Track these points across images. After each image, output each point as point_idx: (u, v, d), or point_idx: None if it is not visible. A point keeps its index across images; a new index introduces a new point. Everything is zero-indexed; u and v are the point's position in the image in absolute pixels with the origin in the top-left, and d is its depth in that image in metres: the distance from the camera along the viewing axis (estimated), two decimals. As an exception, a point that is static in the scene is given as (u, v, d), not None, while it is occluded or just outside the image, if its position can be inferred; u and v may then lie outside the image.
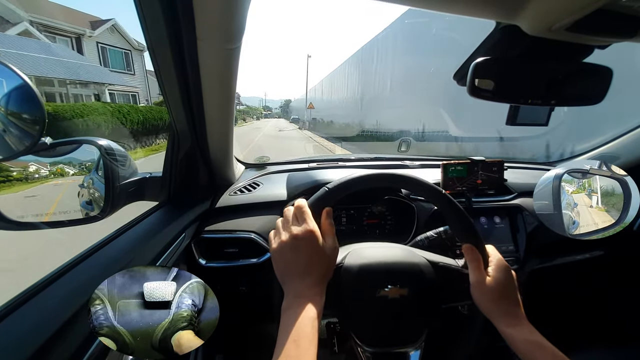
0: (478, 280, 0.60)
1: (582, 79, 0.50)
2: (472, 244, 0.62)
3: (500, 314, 0.57)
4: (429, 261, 0.66)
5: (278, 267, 0.54)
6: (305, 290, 0.50)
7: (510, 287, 0.59)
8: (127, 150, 0.71)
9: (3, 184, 0.59)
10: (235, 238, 0.96)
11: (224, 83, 0.71)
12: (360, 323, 0.64)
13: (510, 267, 0.62)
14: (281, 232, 0.55)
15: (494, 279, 0.59)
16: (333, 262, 0.57)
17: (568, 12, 0.35)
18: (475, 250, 0.62)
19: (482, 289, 0.59)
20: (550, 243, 1.15)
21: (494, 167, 1.13)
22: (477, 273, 0.60)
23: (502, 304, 0.57)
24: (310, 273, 0.51)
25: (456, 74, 0.56)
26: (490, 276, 0.60)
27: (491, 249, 0.64)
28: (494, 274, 0.60)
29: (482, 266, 0.61)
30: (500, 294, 0.58)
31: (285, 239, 0.53)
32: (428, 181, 0.63)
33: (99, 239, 0.65)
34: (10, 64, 0.45)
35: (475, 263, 0.61)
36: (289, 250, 0.53)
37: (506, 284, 0.59)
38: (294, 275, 0.52)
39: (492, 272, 0.60)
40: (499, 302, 0.57)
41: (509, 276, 0.60)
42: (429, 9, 0.44)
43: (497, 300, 0.58)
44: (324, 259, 0.54)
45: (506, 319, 0.56)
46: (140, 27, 0.57)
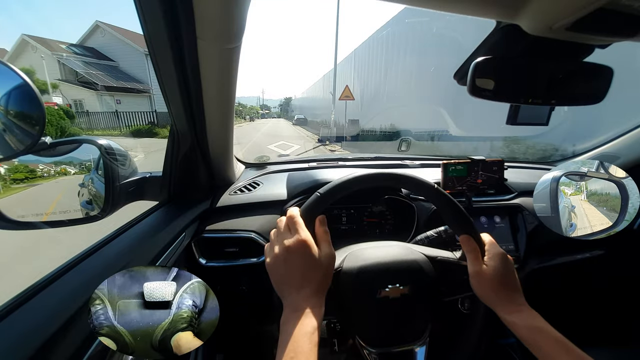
0: (476, 271, 0.60)
1: (582, 78, 0.50)
2: (467, 234, 0.62)
3: (500, 302, 0.57)
4: (427, 256, 0.67)
5: (274, 280, 0.53)
6: (302, 302, 0.49)
7: (509, 274, 0.59)
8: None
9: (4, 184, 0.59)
10: (235, 237, 0.96)
11: (224, 83, 0.70)
12: (364, 325, 0.64)
13: (507, 254, 0.62)
14: (274, 246, 0.54)
15: (492, 267, 0.59)
16: (330, 270, 0.55)
17: (568, 12, 0.35)
18: (472, 240, 0.62)
19: (480, 278, 0.59)
20: (551, 242, 1.15)
21: (494, 167, 1.13)
22: (475, 263, 0.61)
23: (502, 291, 0.58)
24: (306, 285, 0.51)
25: (456, 73, 0.56)
26: (487, 265, 0.60)
27: (487, 238, 0.65)
28: (492, 262, 0.60)
29: (479, 256, 0.61)
30: (499, 282, 0.58)
31: (277, 252, 0.53)
32: (419, 177, 0.63)
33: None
34: (10, 63, 0.45)
35: (473, 254, 0.61)
36: (282, 264, 0.52)
37: (504, 272, 0.59)
38: (290, 288, 0.51)
39: (490, 261, 0.60)
40: (499, 290, 0.58)
41: (507, 263, 0.60)
42: (430, 8, 0.44)
43: (496, 288, 0.58)
44: (319, 269, 0.52)
45: (507, 306, 0.56)
46: (140, 26, 0.57)
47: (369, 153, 1.51)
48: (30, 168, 0.62)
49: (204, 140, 0.86)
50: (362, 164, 1.40)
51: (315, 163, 1.37)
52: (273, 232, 0.57)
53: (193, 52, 0.61)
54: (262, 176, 1.23)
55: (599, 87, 0.51)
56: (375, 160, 1.43)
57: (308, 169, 1.28)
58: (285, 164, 1.42)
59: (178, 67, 0.64)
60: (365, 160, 1.44)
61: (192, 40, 0.58)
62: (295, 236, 0.53)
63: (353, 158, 1.47)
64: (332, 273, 0.56)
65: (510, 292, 0.58)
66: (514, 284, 0.59)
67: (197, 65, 0.64)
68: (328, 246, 0.56)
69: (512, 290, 0.58)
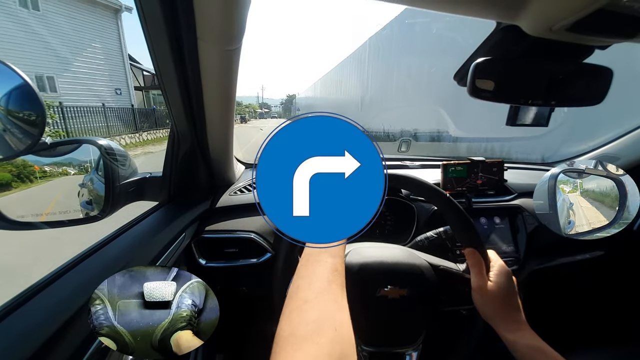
0: (480, 285, 0.59)
1: (582, 79, 0.50)
2: (474, 247, 0.62)
3: (502, 320, 0.57)
4: (430, 264, 0.66)
5: None
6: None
7: (512, 292, 0.59)
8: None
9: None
10: (235, 238, 0.96)
11: (224, 83, 0.71)
12: (359, 322, 0.64)
13: (511, 273, 0.62)
14: None
15: (496, 284, 0.59)
16: None
17: (568, 12, 0.35)
18: (478, 255, 0.62)
19: (484, 294, 0.59)
20: (551, 243, 1.15)
21: (494, 168, 1.13)
22: (479, 278, 0.60)
23: (504, 309, 0.57)
24: None
25: (456, 74, 0.56)
26: (492, 281, 0.59)
27: (493, 254, 0.64)
28: (496, 279, 0.59)
29: (484, 271, 0.61)
30: (502, 300, 0.58)
31: None
32: (429, 182, 0.63)
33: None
34: (10, 63, 0.45)
35: (477, 268, 0.61)
36: None
37: (508, 290, 0.59)
38: None
39: (494, 277, 0.60)
40: (501, 307, 0.57)
41: (511, 282, 0.60)
42: (430, 8, 0.44)
43: (498, 305, 0.58)
44: None
45: (508, 324, 0.56)
46: (141, 27, 0.57)
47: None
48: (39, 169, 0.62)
49: (204, 141, 0.86)
50: None
51: None
52: None
53: (193, 53, 0.61)
54: None
55: (599, 88, 0.50)
56: None
57: None
58: None
59: (178, 68, 0.64)
60: None
61: (193, 41, 0.58)
62: None
63: None
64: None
65: (511, 310, 0.58)
66: (516, 303, 0.59)
67: (197, 66, 0.64)
68: None
69: (514, 309, 0.58)
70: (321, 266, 0.41)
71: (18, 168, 0.61)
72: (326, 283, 0.38)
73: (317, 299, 0.37)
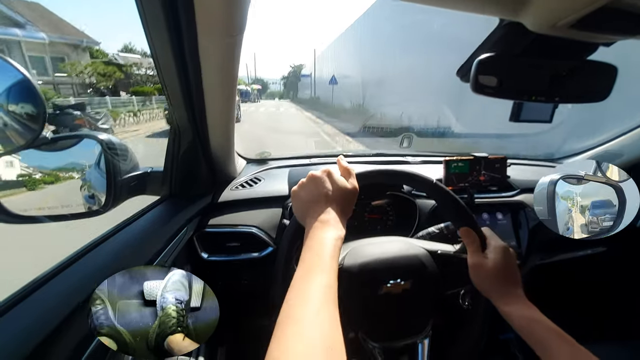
0: (476, 263, 0.60)
1: (586, 76, 0.49)
2: (467, 225, 0.62)
3: (498, 294, 0.57)
4: (427, 250, 0.67)
5: (299, 200, 0.56)
6: (327, 217, 0.50)
7: (509, 267, 0.59)
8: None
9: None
10: (236, 232, 0.97)
11: (225, 75, 0.70)
12: (367, 321, 0.65)
13: (508, 247, 0.61)
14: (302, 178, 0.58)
15: (492, 260, 0.59)
16: (353, 200, 0.58)
17: (572, 10, 0.35)
18: (472, 232, 0.62)
19: (480, 271, 0.59)
20: (553, 239, 1.14)
21: (496, 164, 1.12)
22: (474, 255, 0.61)
23: (501, 284, 0.58)
24: (331, 202, 0.53)
25: (459, 70, 0.55)
26: (488, 258, 0.60)
27: (487, 231, 0.65)
28: (492, 255, 0.60)
29: (479, 248, 0.61)
30: (498, 275, 0.58)
31: (303, 180, 0.57)
32: (417, 172, 0.64)
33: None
34: (10, 59, 0.45)
35: (473, 245, 0.61)
36: (310, 183, 0.55)
37: (505, 265, 0.59)
38: (316, 206, 0.53)
39: (490, 254, 0.60)
40: (497, 282, 0.58)
41: (508, 256, 0.60)
42: (433, 5, 0.44)
43: (495, 280, 0.58)
44: (345, 192, 0.56)
45: (504, 297, 0.56)
46: (140, 18, 0.56)
47: (370, 149, 1.50)
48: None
49: (205, 136, 0.86)
50: (363, 160, 1.39)
51: (316, 159, 1.37)
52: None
53: (193, 45, 0.60)
54: (263, 172, 1.23)
55: (603, 85, 0.50)
56: (377, 156, 1.43)
57: (309, 165, 1.28)
58: (287, 159, 1.42)
59: (178, 60, 0.63)
60: (367, 156, 1.44)
61: (193, 32, 0.57)
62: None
63: (354, 154, 1.47)
64: (353, 204, 0.59)
65: (509, 285, 0.58)
66: (514, 277, 0.59)
67: (197, 58, 0.63)
68: (354, 179, 0.59)
69: (512, 283, 0.58)
70: (314, 283, 0.41)
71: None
72: (318, 303, 0.38)
73: (311, 318, 0.36)
